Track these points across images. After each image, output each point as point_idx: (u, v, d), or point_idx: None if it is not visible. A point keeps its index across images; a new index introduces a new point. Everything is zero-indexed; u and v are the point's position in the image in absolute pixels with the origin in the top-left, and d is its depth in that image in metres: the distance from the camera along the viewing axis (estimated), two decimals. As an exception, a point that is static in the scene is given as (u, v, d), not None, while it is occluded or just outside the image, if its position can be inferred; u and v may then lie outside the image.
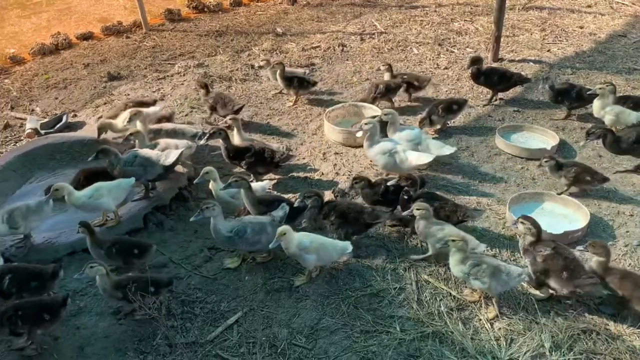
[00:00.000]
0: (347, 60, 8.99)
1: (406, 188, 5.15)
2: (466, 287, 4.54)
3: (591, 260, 4.43)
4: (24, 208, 4.89)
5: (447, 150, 6.00)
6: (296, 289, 4.64)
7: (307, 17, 10.94)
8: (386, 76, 7.53)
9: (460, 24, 10.28)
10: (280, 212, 4.85)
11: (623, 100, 6.63)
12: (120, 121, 6.35)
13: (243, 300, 4.58)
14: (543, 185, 5.90)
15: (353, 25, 10.37)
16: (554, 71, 8.30)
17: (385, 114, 6.14)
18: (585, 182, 5.62)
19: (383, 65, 7.57)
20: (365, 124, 5.93)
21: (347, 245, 4.63)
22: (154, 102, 7.09)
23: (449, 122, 6.95)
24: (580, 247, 4.65)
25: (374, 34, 9.94)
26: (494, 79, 7.36)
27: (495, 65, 8.42)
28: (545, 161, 5.72)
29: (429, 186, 5.62)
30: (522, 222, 4.49)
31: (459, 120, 7.15)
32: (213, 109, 7.01)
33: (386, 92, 7.24)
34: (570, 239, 4.99)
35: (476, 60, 7.33)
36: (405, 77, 7.46)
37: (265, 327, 4.31)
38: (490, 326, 4.24)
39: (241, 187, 5.04)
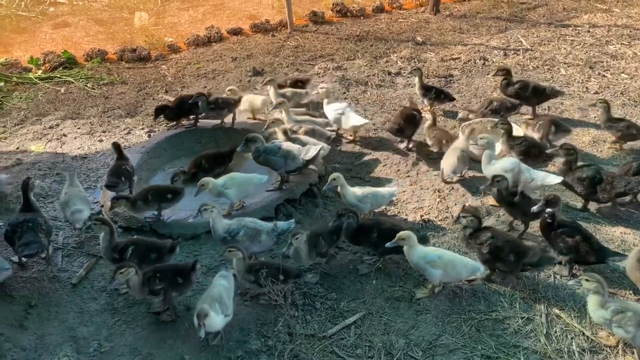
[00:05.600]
0: (488, 74, 8.71)
1: (550, 210, 4.86)
2: (602, 328, 4.21)
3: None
4: None
5: (553, 179, 5.44)
6: (416, 301, 4.59)
7: (449, 27, 10.75)
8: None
9: (616, 47, 9.53)
10: (285, 225, 4.80)
11: None
12: (261, 102, 6.95)
13: (362, 303, 4.62)
14: (703, 232, 5.30)
15: (497, 40, 10.02)
16: None
17: (321, 88, 6.66)
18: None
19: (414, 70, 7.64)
20: (481, 138, 5.70)
21: (479, 266, 4.50)
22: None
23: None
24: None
25: (518, 50, 9.53)
26: (527, 92, 7.06)
27: None
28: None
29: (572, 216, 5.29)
30: (463, 216, 4.67)
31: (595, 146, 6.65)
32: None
33: (499, 110, 6.95)
34: None
35: (503, 71, 7.15)
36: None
37: (383, 333, 4.31)
38: (627, 376, 3.90)
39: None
